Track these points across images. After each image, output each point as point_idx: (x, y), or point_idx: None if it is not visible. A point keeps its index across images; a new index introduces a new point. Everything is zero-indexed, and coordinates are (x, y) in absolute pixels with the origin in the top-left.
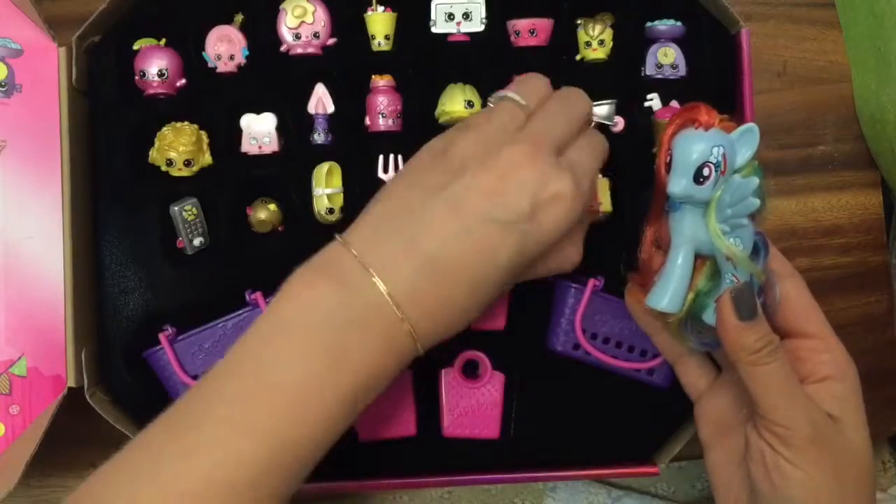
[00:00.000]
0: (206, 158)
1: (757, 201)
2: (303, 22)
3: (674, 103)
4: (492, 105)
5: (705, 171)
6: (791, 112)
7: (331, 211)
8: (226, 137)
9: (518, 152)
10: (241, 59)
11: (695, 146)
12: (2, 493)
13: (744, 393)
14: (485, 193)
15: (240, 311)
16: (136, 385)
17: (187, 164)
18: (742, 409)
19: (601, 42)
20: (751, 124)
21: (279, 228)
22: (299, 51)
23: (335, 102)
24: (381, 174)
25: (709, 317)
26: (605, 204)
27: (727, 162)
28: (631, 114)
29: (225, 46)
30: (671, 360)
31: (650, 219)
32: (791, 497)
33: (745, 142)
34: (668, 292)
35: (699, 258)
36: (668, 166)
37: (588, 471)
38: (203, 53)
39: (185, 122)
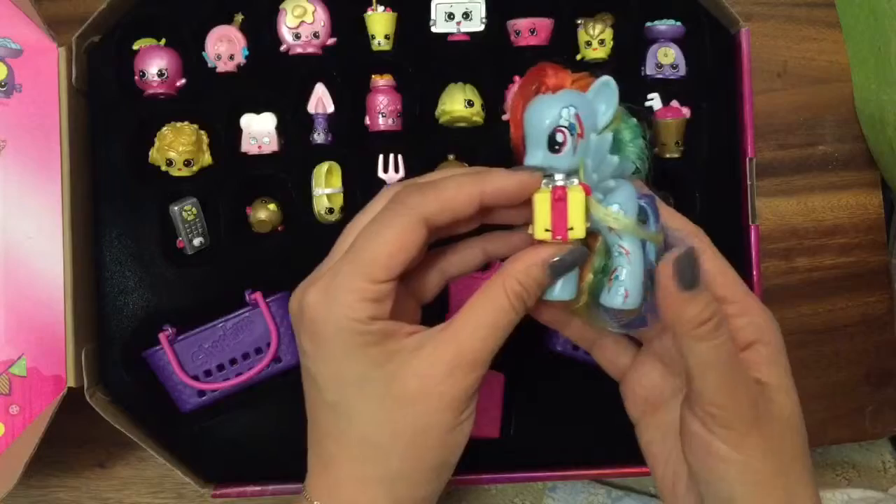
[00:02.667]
0: (206, 158)
1: (615, 158)
2: (303, 22)
3: (674, 103)
4: None
5: (559, 137)
6: (791, 112)
7: (331, 211)
8: (226, 137)
9: None
10: (241, 59)
11: (542, 112)
12: (2, 492)
13: (672, 364)
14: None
15: (239, 312)
16: (135, 385)
17: (187, 164)
18: (672, 382)
19: (601, 42)
20: (605, 77)
21: (279, 228)
22: (299, 50)
23: (335, 102)
24: (381, 174)
25: (604, 297)
26: (578, 229)
27: (582, 122)
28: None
29: (225, 46)
30: (588, 348)
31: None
32: (729, 480)
33: (602, 97)
34: (558, 280)
35: (588, 235)
36: (523, 141)
37: (588, 471)
38: (203, 53)
39: (185, 122)
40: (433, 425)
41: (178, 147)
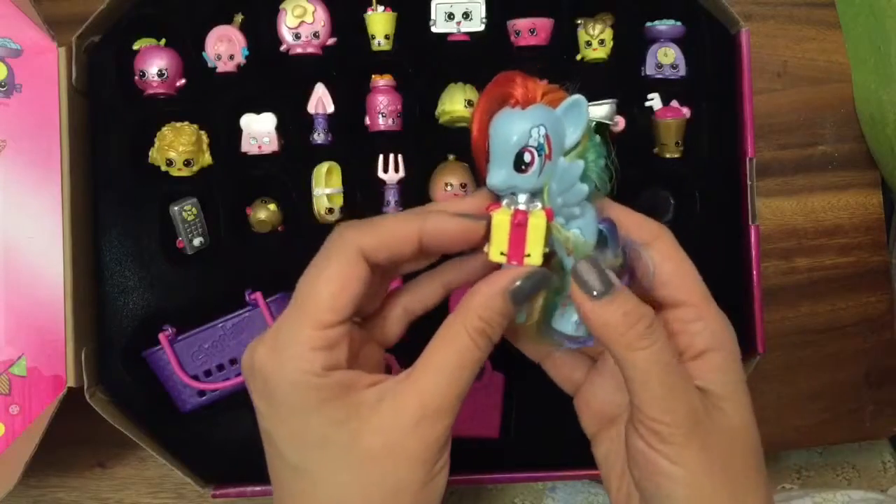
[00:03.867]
0: (206, 158)
1: (585, 187)
2: (303, 22)
3: (674, 103)
4: None
5: (526, 157)
6: (791, 112)
7: (330, 211)
8: (226, 137)
9: None
10: (240, 59)
11: (511, 128)
12: (2, 492)
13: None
14: None
15: (239, 312)
16: (135, 385)
17: (187, 163)
18: (626, 396)
19: (601, 42)
20: (576, 97)
21: (279, 228)
22: (299, 51)
23: (335, 102)
24: (380, 174)
25: (556, 321)
26: (535, 256)
27: (551, 143)
28: (631, 113)
29: (225, 46)
30: (540, 361)
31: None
32: (675, 497)
33: (572, 117)
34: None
35: (546, 255)
36: (487, 153)
37: (588, 471)
38: (203, 53)
39: (185, 122)
40: (405, 484)
41: (178, 147)
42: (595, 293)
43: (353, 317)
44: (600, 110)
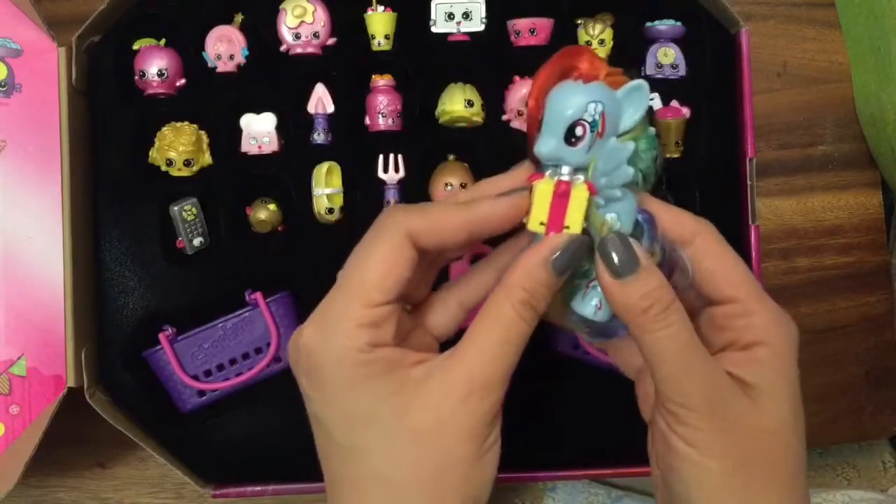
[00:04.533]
0: (206, 158)
1: (630, 170)
2: (302, 21)
3: (674, 103)
4: None
5: (578, 131)
6: (791, 112)
7: (330, 211)
8: (226, 137)
9: None
10: (240, 59)
11: (568, 100)
12: (1, 493)
13: None
14: None
15: (239, 312)
16: (135, 385)
17: (187, 163)
18: None
19: (601, 42)
20: (639, 81)
21: (279, 228)
22: (299, 51)
23: (335, 102)
24: (381, 174)
25: (577, 303)
26: (574, 228)
27: (606, 122)
28: None
29: (225, 46)
30: (603, 346)
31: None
32: (686, 482)
33: (632, 101)
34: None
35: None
36: (540, 122)
37: (588, 471)
38: (203, 53)
39: (185, 122)
40: (455, 460)
41: (178, 147)
42: (618, 270)
43: (400, 300)
44: None
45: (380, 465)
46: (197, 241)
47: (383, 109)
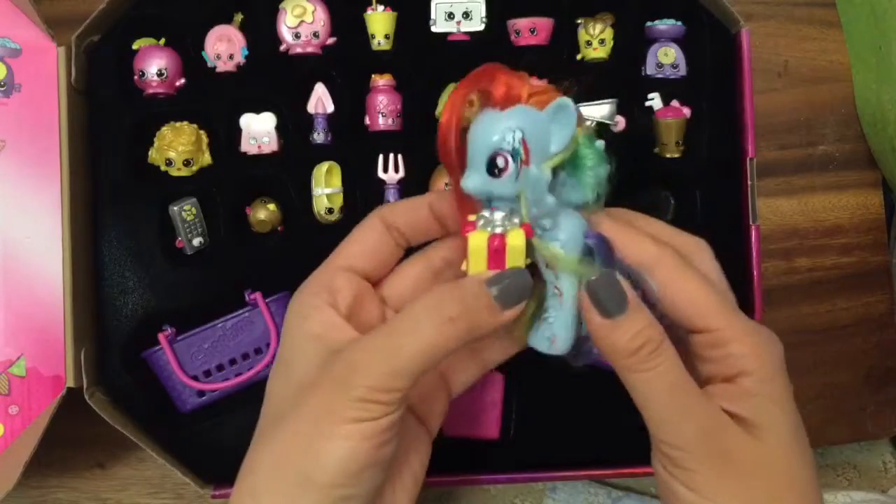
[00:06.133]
0: (206, 158)
1: (552, 199)
2: (302, 21)
3: (674, 103)
4: None
5: (500, 162)
6: (791, 112)
7: (330, 211)
8: (225, 137)
9: None
10: (240, 58)
11: (485, 131)
12: (1, 493)
13: None
14: None
15: (239, 312)
16: (135, 385)
17: (186, 163)
18: None
19: (602, 41)
20: (563, 99)
21: (279, 228)
22: (299, 50)
23: (335, 102)
24: (380, 174)
25: (531, 337)
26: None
27: (529, 148)
28: (631, 113)
29: (224, 46)
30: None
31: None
32: None
33: (559, 120)
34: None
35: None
36: (463, 156)
37: (588, 471)
38: (202, 53)
39: (185, 122)
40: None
41: (178, 147)
42: (608, 311)
43: (367, 273)
44: (600, 110)
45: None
46: (196, 241)
47: (383, 109)
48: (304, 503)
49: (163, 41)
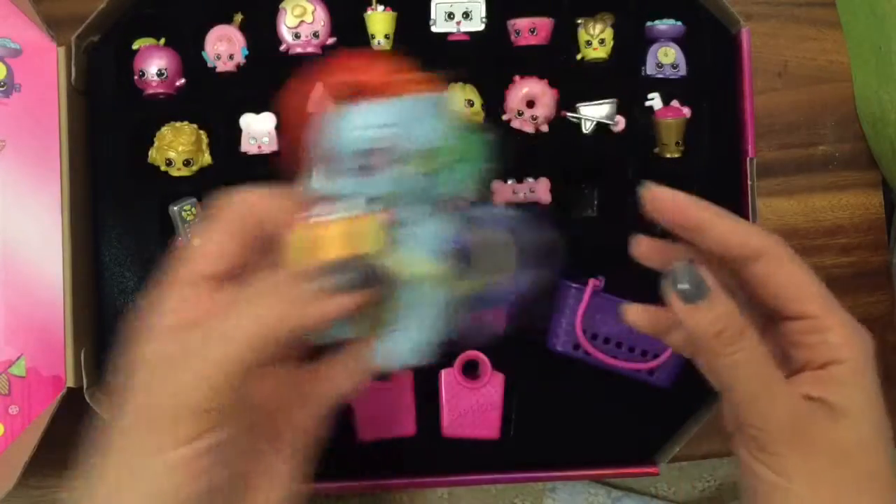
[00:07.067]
0: (206, 158)
1: (422, 199)
2: (302, 21)
3: (674, 103)
4: None
5: (369, 160)
6: (791, 112)
7: None
8: (225, 137)
9: None
10: (240, 58)
11: (348, 126)
12: (1, 493)
13: None
14: None
15: None
16: None
17: (187, 163)
18: None
19: (601, 41)
20: (438, 95)
21: None
22: (299, 50)
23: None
24: None
25: (385, 353)
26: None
27: (400, 145)
28: (631, 113)
29: (224, 46)
30: (691, 356)
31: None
32: None
33: (429, 116)
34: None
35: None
36: (318, 153)
37: (588, 471)
38: (202, 53)
39: (185, 122)
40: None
41: (178, 147)
42: (688, 297)
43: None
44: (600, 110)
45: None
46: (197, 242)
47: None
48: None
49: (163, 41)
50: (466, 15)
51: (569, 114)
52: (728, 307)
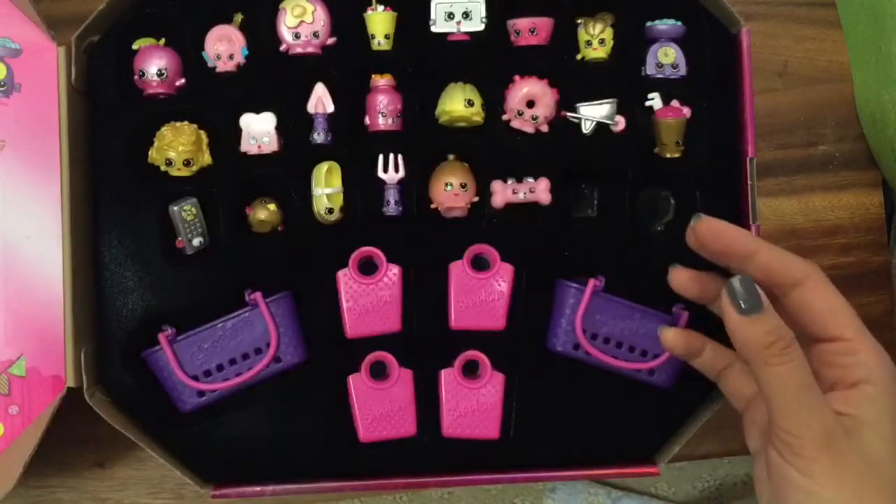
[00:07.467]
0: (206, 158)
1: None
2: (302, 21)
3: (674, 103)
4: None
5: None
6: (791, 112)
7: (330, 211)
8: (225, 137)
9: None
10: (240, 58)
11: None
12: (1, 492)
13: None
14: None
15: (239, 312)
16: (135, 385)
17: (186, 163)
18: None
19: (602, 41)
20: None
21: (279, 228)
22: (299, 50)
23: (335, 102)
24: (380, 174)
25: None
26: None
27: None
28: (631, 113)
29: (224, 46)
30: (714, 377)
31: None
32: None
33: None
34: None
35: None
36: None
37: (588, 471)
38: (202, 53)
39: (185, 122)
40: None
41: (178, 147)
42: (742, 310)
43: None
44: (600, 110)
45: None
46: (197, 241)
47: (383, 109)
48: None
49: (163, 41)
50: (466, 15)
51: (569, 114)
52: (780, 321)
